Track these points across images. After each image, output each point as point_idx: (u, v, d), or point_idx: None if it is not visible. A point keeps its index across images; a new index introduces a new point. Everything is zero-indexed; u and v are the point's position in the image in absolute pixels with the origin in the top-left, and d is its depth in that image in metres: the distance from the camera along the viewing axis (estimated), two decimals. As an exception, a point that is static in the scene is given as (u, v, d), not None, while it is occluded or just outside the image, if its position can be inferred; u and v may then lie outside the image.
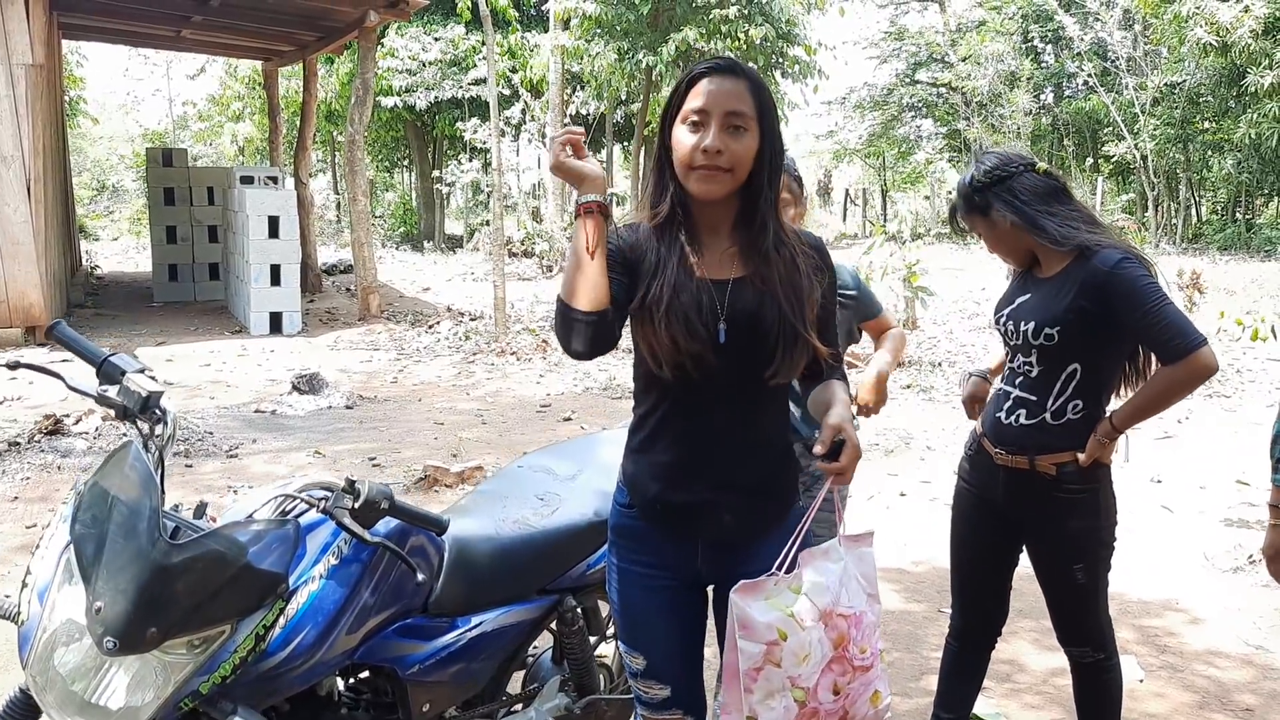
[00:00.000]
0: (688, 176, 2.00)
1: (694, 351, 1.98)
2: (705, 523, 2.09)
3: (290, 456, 6.65)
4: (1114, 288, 2.51)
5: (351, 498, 2.12)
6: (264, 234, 11.68)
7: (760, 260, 2.03)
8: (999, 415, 2.73)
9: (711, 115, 1.96)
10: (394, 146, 29.18)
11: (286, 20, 13.00)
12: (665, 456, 2.09)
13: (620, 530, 2.19)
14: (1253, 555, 4.94)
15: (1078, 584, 2.71)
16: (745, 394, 2.05)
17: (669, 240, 2.05)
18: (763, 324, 2.00)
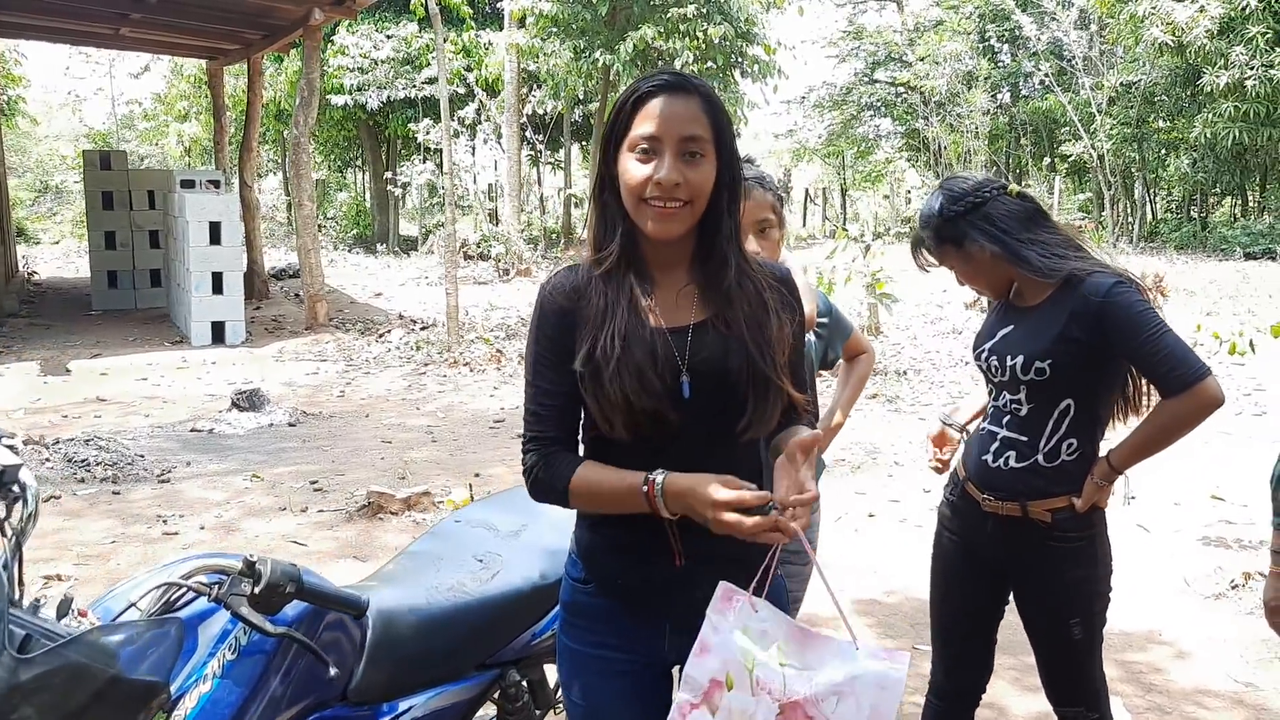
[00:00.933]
0: (640, 212, 1.73)
1: (650, 409, 1.71)
2: (675, 602, 1.80)
3: (227, 480, 6.29)
4: (1108, 316, 2.28)
5: (250, 581, 1.81)
6: (205, 240, 11.24)
7: (722, 301, 1.76)
8: (985, 458, 2.47)
9: (664, 142, 1.69)
10: (346, 146, 28.63)
11: (230, 18, 12.56)
12: (626, 527, 1.81)
13: (574, 608, 1.91)
14: (1234, 580, 4.76)
15: (1074, 640, 2.47)
16: (715, 454, 1.77)
17: (616, 283, 1.77)
18: (730, 373, 1.74)
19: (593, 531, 1.88)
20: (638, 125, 1.71)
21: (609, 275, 1.78)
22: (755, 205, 2.49)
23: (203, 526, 5.45)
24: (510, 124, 19.59)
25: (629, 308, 1.75)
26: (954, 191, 2.46)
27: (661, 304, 1.78)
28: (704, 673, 1.65)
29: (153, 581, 1.86)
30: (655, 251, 1.79)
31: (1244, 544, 5.20)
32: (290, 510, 5.73)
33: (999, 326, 2.50)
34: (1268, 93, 18.46)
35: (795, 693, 1.61)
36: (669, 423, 1.73)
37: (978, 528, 2.51)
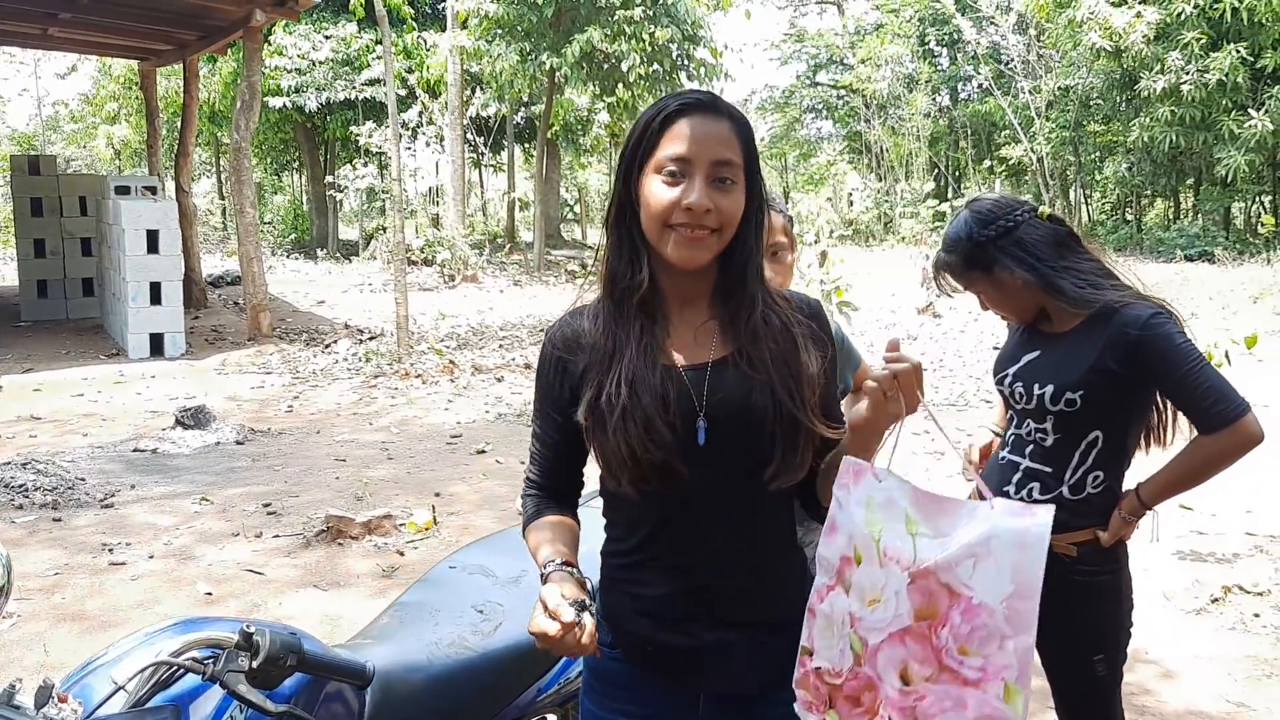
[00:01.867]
0: (663, 239, 1.59)
1: (657, 461, 1.57)
2: (711, 671, 1.66)
3: (175, 504, 6.01)
4: (1147, 349, 2.19)
5: (248, 655, 1.63)
6: (142, 249, 10.84)
7: (746, 337, 1.63)
8: (1007, 489, 2.37)
9: (696, 165, 1.56)
10: (282, 149, 28.05)
11: (164, 18, 12.15)
12: (654, 590, 1.67)
13: (601, 674, 1.76)
14: (1214, 594, 4.74)
15: (1097, 677, 2.38)
16: (743, 506, 1.64)
17: (628, 320, 1.64)
18: (753, 414, 1.59)
19: (617, 592, 1.74)
20: (666, 145, 1.58)
21: (622, 312, 1.65)
22: (769, 229, 2.36)
23: (152, 555, 5.19)
24: (453, 126, 19.30)
25: (639, 348, 1.62)
26: (983, 214, 2.34)
27: (679, 341, 1.66)
28: (834, 552, 1.54)
29: (139, 660, 1.67)
30: (675, 284, 1.66)
31: (1219, 557, 5.20)
32: (244, 535, 5.48)
33: (1023, 351, 2.39)
34: (1202, 97, 18.86)
35: (926, 559, 1.45)
36: (679, 477, 1.59)
37: None
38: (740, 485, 1.63)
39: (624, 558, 1.73)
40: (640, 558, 1.70)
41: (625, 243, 1.66)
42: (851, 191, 29.51)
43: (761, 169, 1.67)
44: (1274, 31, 18.45)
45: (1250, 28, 18.52)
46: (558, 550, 1.66)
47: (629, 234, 1.65)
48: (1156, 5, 19.12)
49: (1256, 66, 18.73)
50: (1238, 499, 5.92)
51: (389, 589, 4.77)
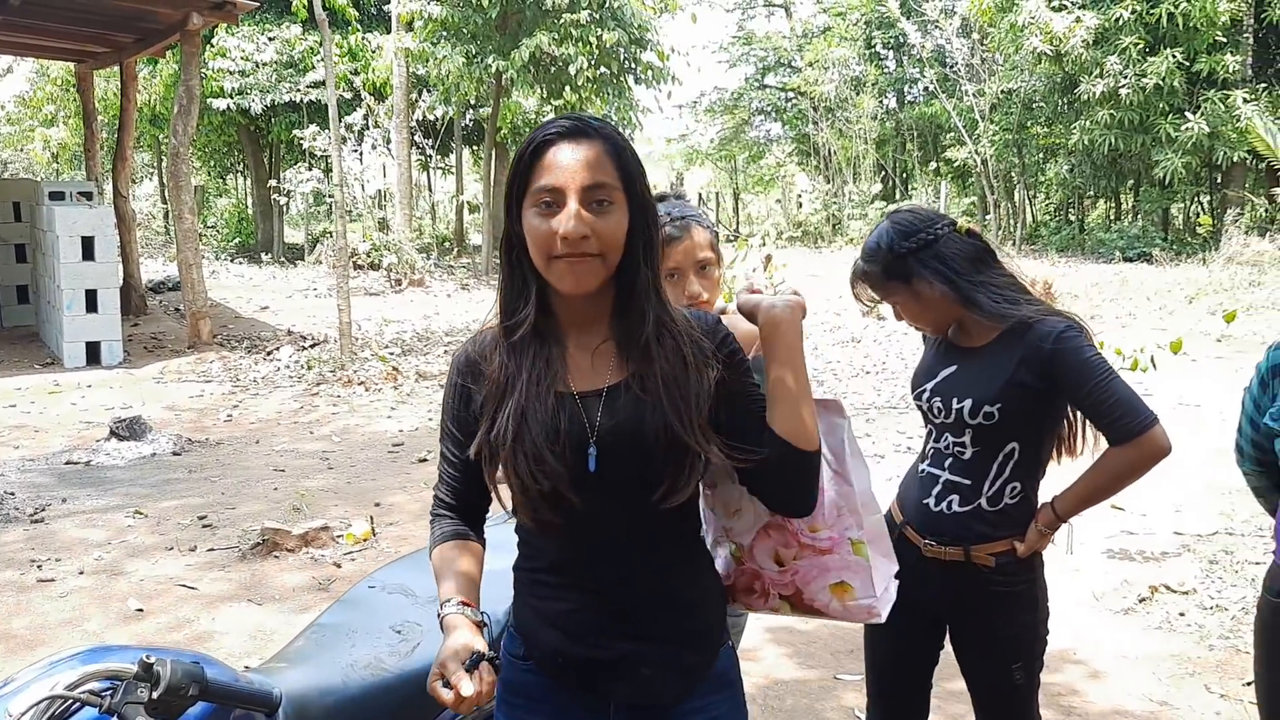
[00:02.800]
0: (550, 269, 1.60)
1: (546, 491, 1.60)
2: (618, 680, 1.69)
3: (108, 518, 5.91)
4: (1060, 362, 2.23)
5: (147, 686, 1.61)
6: (77, 256, 10.62)
7: (641, 357, 1.63)
8: (927, 502, 2.40)
9: (568, 193, 1.56)
10: (226, 152, 27.65)
11: (100, 21, 11.90)
12: (563, 605, 1.70)
13: (513, 687, 1.77)
14: (1141, 594, 4.83)
15: (1015, 685, 2.41)
16: (642, 525, 1.67)
17: (521, 351, 1.66)
18: (644, 439, 1.61)
19: (529, 603, 1.76)
20: (538, 177, 1.59)
21: (515, 344, 1.66)
22: (695, 245, 2.38)
23: (82, 571, 5.09)
24: (399, 129, 19.16)
25: (530, 380, 1.64)
26: (904, 226, 2.36)
27: (576, 367, 1.67)
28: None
29: (33, 695, 1.63)
30: (569, 310, 1.67)
31: (1147, 556, 5.30)
32: (178, 549, 5.40)
33: (940, 366, 2.42)
34: (1140, 101, 19.22)
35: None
36: (570, 505, 1.61)
37: (917, 574, 2.41)
38: (635, 507, 1.65)
39: (533, 574, 1.76)
40: (548, 576, 1.74)
41: (515, 275, 1.67)
42: (801, 193, 29.75)
43: (646, 186, 1.65)
44: (1208, 36, 18.86)
45: (1185, 33, 18.91)
46: (458, 585, 1.68)
47: (519, 266, 1.66)
48: (1095, 10, 19.46)
49: (1192, 71, 19.13)
50: (1168, 498, 6.04)
51: (323, 602, 4.72)
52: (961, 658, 2.50)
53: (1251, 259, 15.50)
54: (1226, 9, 18.44)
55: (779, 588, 1.87)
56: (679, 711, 1.73)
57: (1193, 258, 18.13)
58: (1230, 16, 18.72)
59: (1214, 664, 4.13)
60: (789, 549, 1.84)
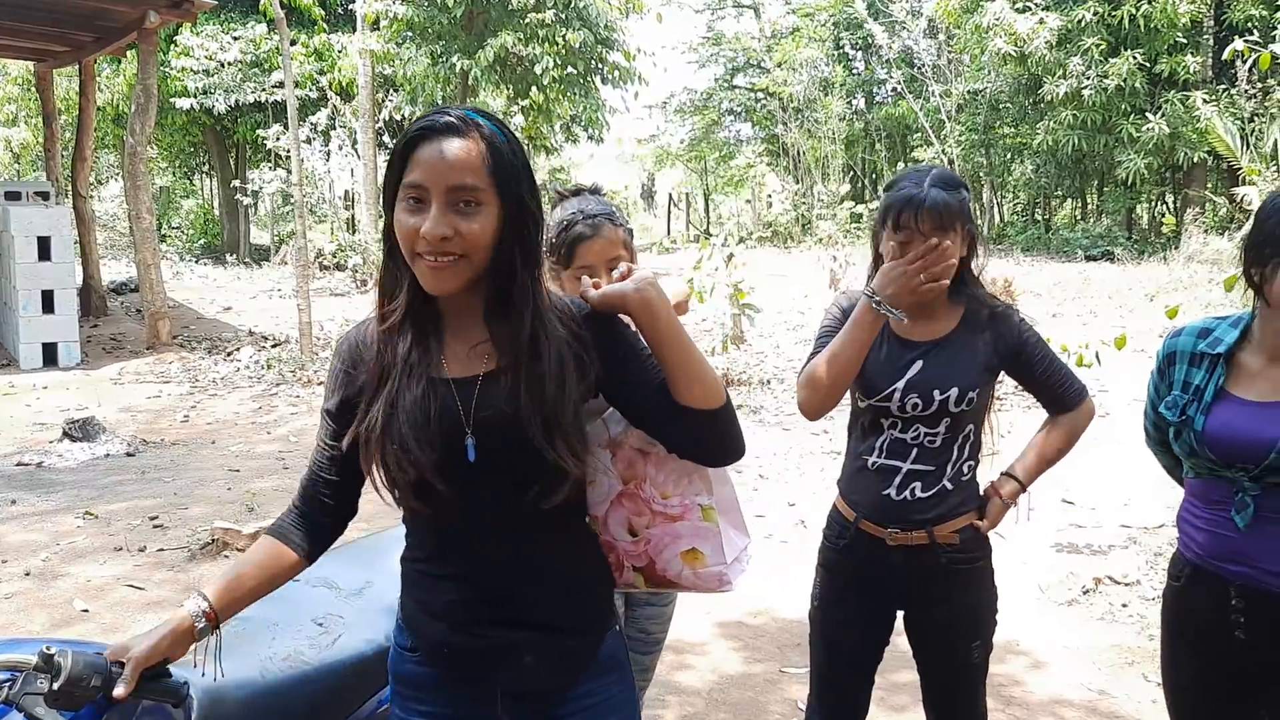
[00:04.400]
0: (415, 265, 1.58)
1: (413, 480, 1.60)
2: (502, 669, 1.70)
3: (56, 519, 5.85)
4: (1025, 345, 2.42)
5: (48, 677, 1.60)
6: (33, 257, 10.51)
7: (513, 356, 1.62)
8: (887, 493, 2.41)
9: (432, 192, 1.54)
10: (191, 152, 27.40)
11: (57, 19, 11.75)
12: (445, 596, 1.71)
13: (404, 678, 1.79)
14: (1085, 585, 4.88)
15: (973, 663, 2.49)
16: (523, 517, 1.67)
17: (395, 341, 1.65)
18: (520, 433, 1.59)
19: (413, 595, 1.78)
20: (408, 173, 1.57)
21: (393, 329, 1.65)
22: (607, 243, 2.38)
23: (28, 573, 5.04)
24: (365, 129, 19.05)
25: (406, 368, 1.63)
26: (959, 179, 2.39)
27: (453, 355, 1.66)
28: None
29: (-68, 687, 1.62)
30: (447, 303, 1.66)
31: (1094, 549, 5.36)
32: (127, 550, 5.36)
33: (901, 364, 2.39)
34: (1102, 102, 19.40)
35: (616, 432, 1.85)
36: (439, 495, 1.61)
37: (877, 566, 2.45)
38: (513, 501, 1.65)
39: (417, 565, 1.77)
40: (430, 567, 1.75)
41: (391, 265, 1.66)
42: (770, 194, 29.80)
43: (524, 186, 1.61)
44: (1169, 38, 19.06)
45: (1147, 34, 19.11)
46: (219, 582, 1.74)
47: (395, 257, 1.64)
48: (1058, 12, 19.63)
49: (1153, 72, 19.33)
50: (1116, 491, 6.11)
51: (273, 601, 4.70)
52: (919, 642, 2.54)
53: (1211, 257, 15.67)
54: (1186, 11, 18.64)
55: (632, 559, 1.88)
56: (566, 699, 1.74)
57: (1155, 257, 18.32)
58: (1190, 18, 18.92)
59: (1152, 653, 4.14)
60: (641, 517, 1.85)
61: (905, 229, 2.28)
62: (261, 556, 1.77)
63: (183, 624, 1.67)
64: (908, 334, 2.41)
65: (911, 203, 2.28)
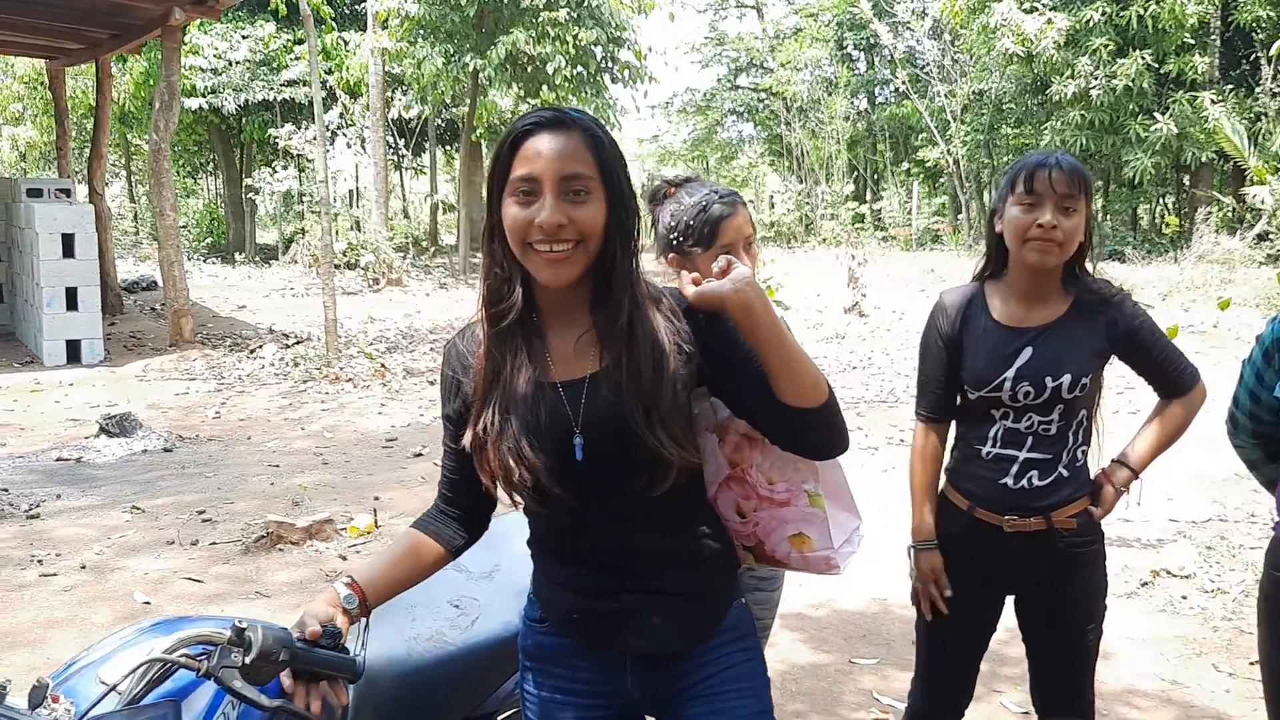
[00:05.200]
0: (527, 259, 1.62)
1: (529, 484, 1.64)
2: (632, 629, 1.73)
3: (104, 513, 5.85)
4: (1139, 330, 2.41)
5: (240, 651, 1.61)
6: (57, 254, 10.49)
7: (616, 347, 1.64)
8: (1004, 482, 2.42)
9: (544, 183, 1.58)
10: (196, 151, 27.37)
11: (75, 16, 11.71)
12: (577, 570, 1.76)
13: (534, 651, 1.83)
14: (1143, 578, 4.90)
15: (1087, 646, 2.51)
16: (637, 505, 1.69)
17: (505, 342, 1.67)
18: (625, 427, 1.62)
19: (541, 571, 1.83)
20: (516, 168, 1.61)
21: (500, 334, 1.68)
22: (744, 220, 2.42)
23: (84, 566, 5.04)
24: (375, 128, 19.04)
25: (514, 370, 1.66)
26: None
27: (559, 356, 1.69)
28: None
29: (129, 659, 1.64)
30: (550, 299, 1.69)
31: (1145, 542, 5.38)
32: (179, 543, 5.36)
33: (1009, 352, 2.40)
34: (1110, 102, 19.49)
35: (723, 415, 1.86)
36: (553, 496, 1.65)
37: (992, 551, 2.46)
38: (625, 492, 1.68)
39: (541, 546, 1.82)
40: (555, 549, 1.80)
41: (499, 264, 1.68)
42: (773, 194, 29.87)
43: (625, 176, 1.66)
44: (1177, 38, 19.15)
45: (1155, 35, 19.20)
46: (367, 567, 1.79)
47: (502, 255, 1.67)
48: (1066, 12, 19.71)
49: (1161, 72, 19.43)
50: (1160, 487, 6.14)
51: (332, 594, 4.70)
52: (1032, 626, 2.55)
53: (1222, 257, 15.74)
54: (1194, 11, 18.73)
55: (742, 538, 1.92)
56: (694, 663, 1.76)
57: (1163, 256, 18.40)
58: (1198, 19, 19.03)
59: (1220, 645, 4.21)
60: (749, 501, 1.88)
61: (1037, 191, 2.31)
62: (407, 550, 1.81)
63: (333, 599, 1.71)
64: (1015, 321, 2.41)
65: (1045, 164, 2.32)
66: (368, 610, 1.73)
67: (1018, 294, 2.43)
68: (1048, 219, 2.29)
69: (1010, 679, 3.90)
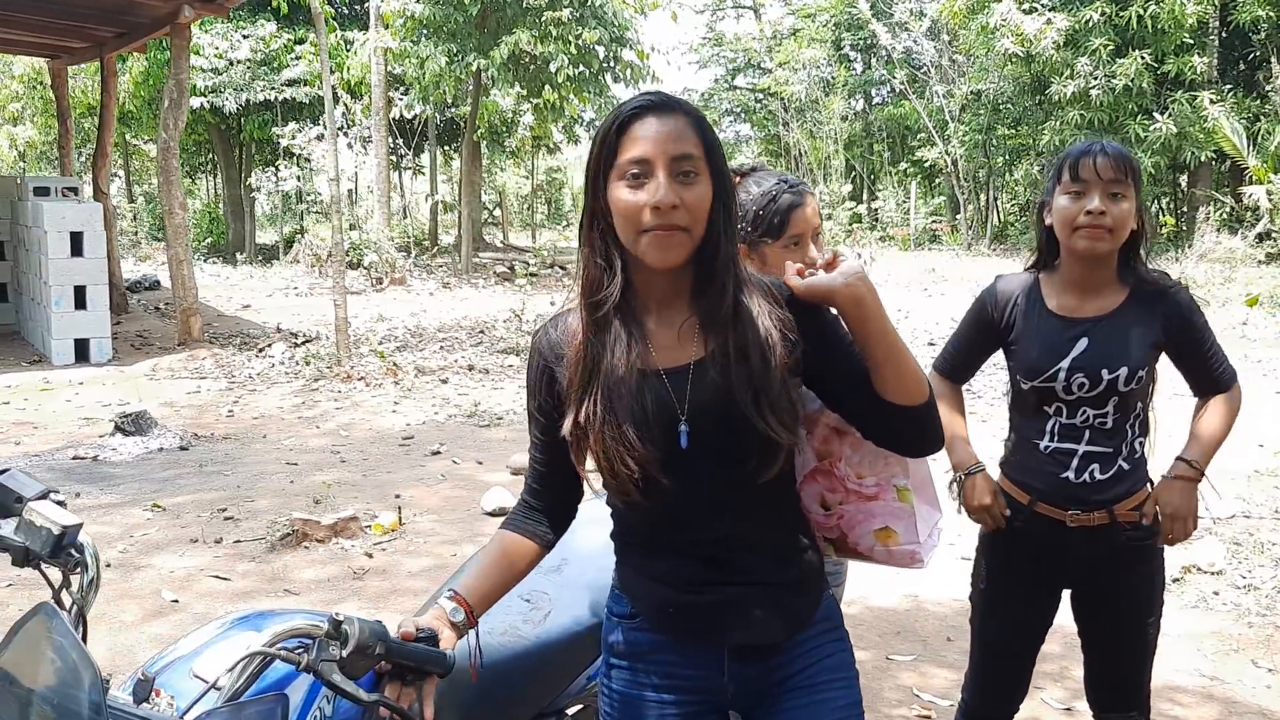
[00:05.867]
0: (638, 243, 1.60)
1: (635, 476, 1.61)
2: (733, 622, 1.70)
3: (125, 512, 5.82)
4: (1193, 325, 2.40)
5: (338, 644, 1.60)
6: (66, 252, 10.44)
7: (721, 333, 1.63)
8: (1065, 476, 2.40)
9: (656, 164, 1.57)
10: (196, 151, 27.30)
11: (80, 14, 11.64)
12: (672, 563, 1.72)
13: (623, 648, 1.78)
14: (1173, 574, 4.91)
15: (1148, 639, 2.50)
16: (738, 494, 1.68)
17: (606, 330, 1.65)
18: (733, 414, 1.61)
19: (632, 565, 1.79)
20: (625, 150, 1.59)
21: (600, 322, 1.66)
22: (813, 212, 2.40)
23: (108, 564, 5.01)
24: (378, 127, 19.02)
25: (616, 359, 1.64)
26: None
27: (661, 343, 1.67)
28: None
29: (227, 653, 1.62)
30: (652, 286, 1.67)
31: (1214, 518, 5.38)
32: (203, 541, 5.34)
33: (1065, 342, 2.39)
34: (1109, 102, 19.54)
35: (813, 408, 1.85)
36: (660, 486, 1.63)
37: (1054, 545, 2.45)
38: (729, 479, 1.66)
39: (631, 540, 1.79)
40: (648, 542, 1.76)
41: (599, 251, 1.66)
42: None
43: (722, 157, 1.66)
44: (1176, 38, 19.21)
45: (1154, 35, 19.26)
46: (466, 577, 1.75)
47: (603, 242, 1.65)
48: (1066, 12, 19.76)
49: (1160, 72, 19.48)
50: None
51: (361, 591, 4.69)
52: (1092, 619, 2.53)
53: (1223, 256, 15.80)
54: (1193, 11, 18.79)
55: (824, 530, 1.91)
56: (789, 655, 1.74)
57: (1163, 255, 18.45)
58: (1197, 19, 19.09)
59: (1257, 640, 4.21)
60: (835, 494, 1.88)
61: (1083, 178, 2.30)
62: (502, 551, 1.78)
63: (440, 614, 1.68)
64: (1070, 311, 2.40)
65: (1090, 151, 2.32)
66: (475, 621, 1.71)
67: (1071, 285, 2.42)
68: (1096, 205, 2.28)
69: (1051, 675, 3.90)
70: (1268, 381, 8.89)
